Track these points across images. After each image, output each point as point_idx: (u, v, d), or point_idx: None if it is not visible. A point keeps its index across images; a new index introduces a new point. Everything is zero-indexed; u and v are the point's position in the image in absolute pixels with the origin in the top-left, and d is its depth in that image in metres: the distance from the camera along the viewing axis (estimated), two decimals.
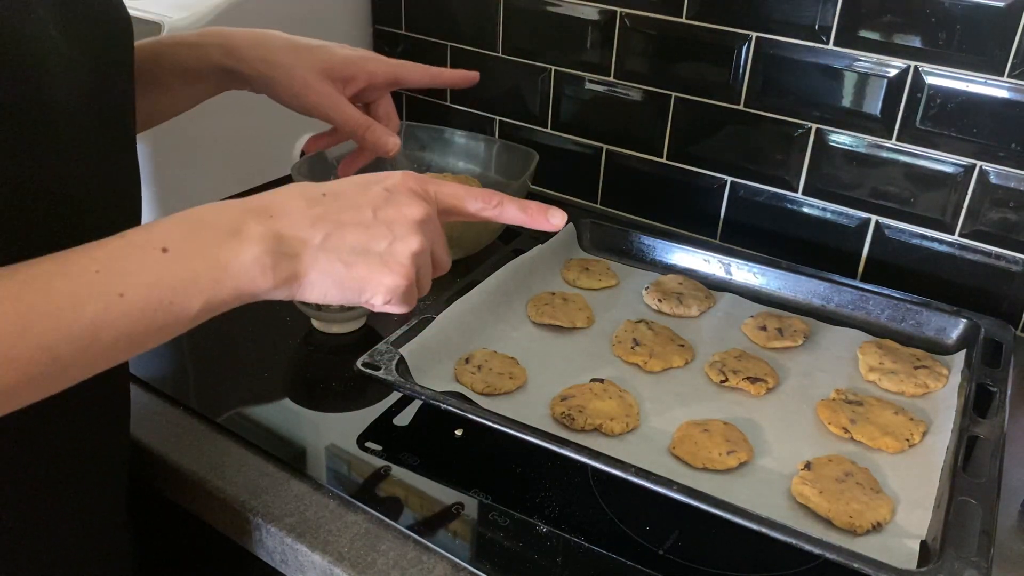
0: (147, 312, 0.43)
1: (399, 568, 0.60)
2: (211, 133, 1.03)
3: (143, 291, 0.43)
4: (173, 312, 0.44)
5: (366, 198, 0.49)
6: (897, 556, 0.57)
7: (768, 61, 0.97)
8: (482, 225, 0.96)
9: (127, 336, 0.43)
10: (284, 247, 0.46)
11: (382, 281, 0.49)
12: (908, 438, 0.70)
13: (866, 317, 0.87)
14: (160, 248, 0.44)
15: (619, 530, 0.64)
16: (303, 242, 0.47)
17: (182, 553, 0.80)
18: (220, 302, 0.45)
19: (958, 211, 0.91)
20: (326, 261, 0.47)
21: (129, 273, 0.43)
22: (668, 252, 0.96)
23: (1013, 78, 0.84)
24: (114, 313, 0.42)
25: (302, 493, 0.66)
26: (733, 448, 0.67)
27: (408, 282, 0.49)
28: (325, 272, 0.48)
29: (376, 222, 0.49)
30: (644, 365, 0.78)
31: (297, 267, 0.47)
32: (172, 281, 0.44)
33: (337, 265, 0.48)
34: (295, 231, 0.47)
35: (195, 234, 0.45)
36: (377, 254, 0.48)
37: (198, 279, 0.44)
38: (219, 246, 0.45)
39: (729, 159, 1.04)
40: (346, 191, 0.50)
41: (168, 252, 0.44)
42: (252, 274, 0.46)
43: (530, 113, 1.17)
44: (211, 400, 0.76)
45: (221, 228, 0.46)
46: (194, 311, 0.45)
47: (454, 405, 0.68)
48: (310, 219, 0.48)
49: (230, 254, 0.45)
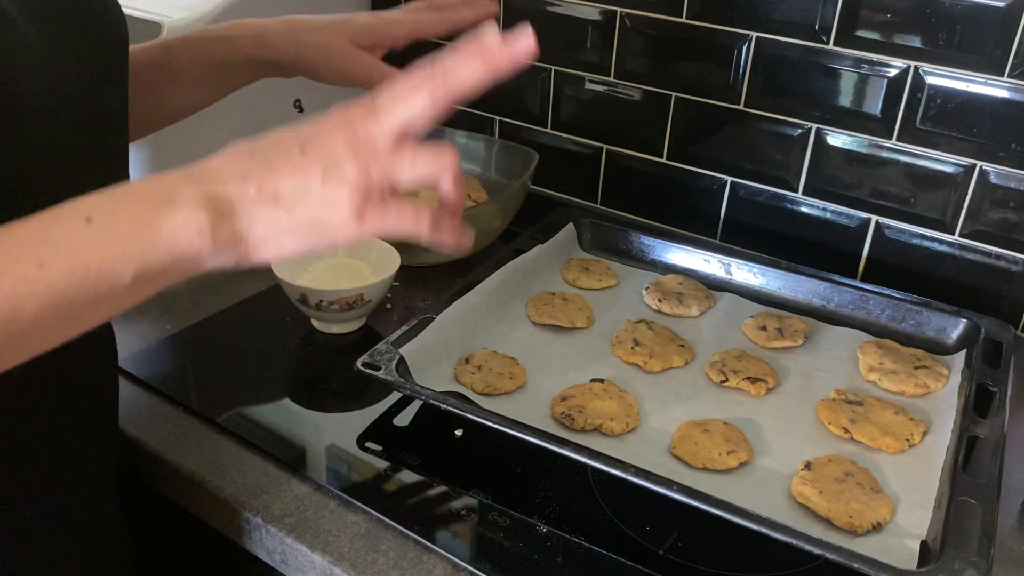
0: (72, 283, 0.41)
1: (399, 568, 0.60)
2: (211, 133, 1.03)
3: (65, 261, 0.41)
4: (103, 282, 0.42)
5: (294, 141, 0.47)
6: (897, 556, 0.57)
7: (768, 61, 0.97)
8: (482, 225, 0.96)
9: (54, 308, 0.41)
10: (219, 206, 0.44)
11: (332, 216, 0.46)
12: (908, 438, 0.70)
13: (866, 317, 0.87)
14: (84, 217, 0.42)
15: (619, 530, 0.64)
16: (238, 199, 0.45)
17: (182, 553, 0.80)
18: (156, 270, 0.44)
19: (958, 211, 0.91)
20: (266, 213, 0.45)
21: (49, 243, 0.41)
22: (668, 252, 0.96)
23: (1013, 78, 0.84)
24: (34, 284, 0.40)
25: (302, 493, 0.66)
26: (733, 448, 0.67)
27: (357, 206, 0.46)
28: (269, 225, 0.45)
29: (304, 159, 0.46)
30: (644, 365, 0.78)
31: (237, 226, 0.45)
32: (97, 248, 0.42)
33: (279, 214, 0.45)
34: (227, 188, 0.45)
35: (123, 202, 0.44)
36: (316, 190, 0.46)
37: (126, 246, 0.43)
38: (148, 212, 0.43)
39: (729, 159, 1.04)
40: (275, 140, 0.47)
41: (92, 221, 0.42)
42: (187, 237, 0.43)
43: (530, 113, 1.17)
44: (211, 400, 0.76)
45: (150, 195, 0.44)
46: (126, 280, 0.43)
47: (454, 405, 0.68)
48: (240, 173, 0.45)
49: (159, 218, 0.43)
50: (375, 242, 0.89)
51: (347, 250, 0.90)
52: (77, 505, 0.60)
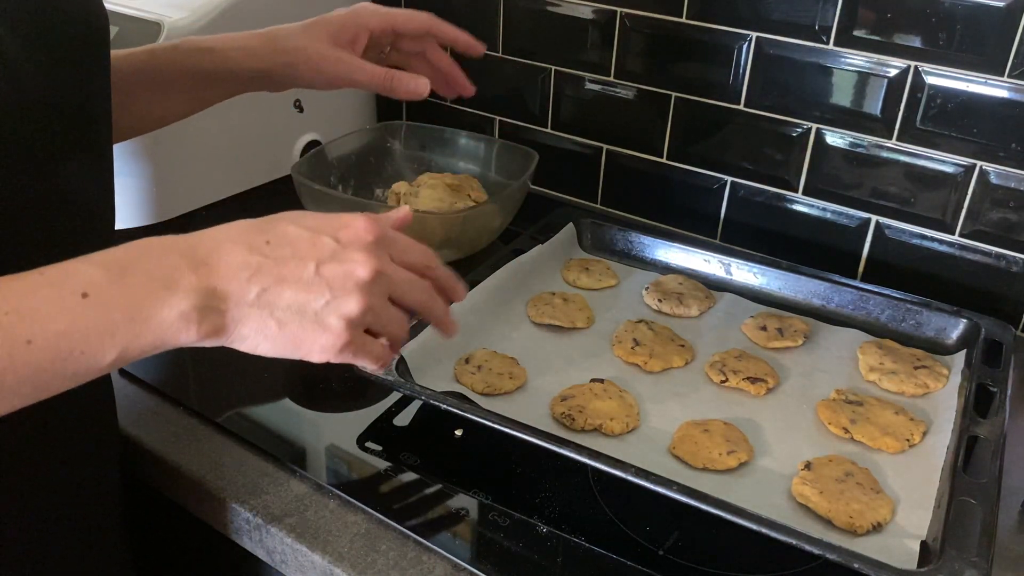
0: (56, 361, 0.41)
1: (399, 568, 0.60)
2: (211, 133, 1.03)
3: (53, 339, 0.40)
4: (84, 361, 0.42)
5: (312, 250, 0.47)
6: (897, 556, 0.57)
7: (768, 61, 0.97)
8: (482, 225, 0.96)
9: (31, 382, 0.41)
10: (215, 302, 0.44)
11: (316, 341, 0.47)
12: (908, 438, 0.70)
13: (866, 317, 0.87)
14: (80, 293, 0.41)
15: (619, 530, 0.64)
16: (236, 298, 0.45)
17: (182, 553, 0.80)
18: (137, 353, 0.43)
19: (958, 211, 0.91)
20: (258, 318, 0.45)
21: (41, 318, 0.40)
22: (668, 252, 0.96)
23: (1013, 78, 0.84)
24: (19, 360, 0.40)
25: (302, 493, 0.66)
26: (733, 448, 0.67)
27: (343, 342, 0.47)
28: (256, 329, 0.46)
29: (317, 279, 0.46)
30: (644, 365, 0.78)
31: (225, 320, 0.45)
32: (87, 330, 0.41)
33: (270, 323, 0.46)
34: (230, 286, 0.45)
35: (121, 280, 0.42)
36: (313, 313, 0.46)
37: (115, 330, 0.42)
38: (145, 297, 0.43)
39: (729, 159, 1.04)
40: (293, 239, 0.47)
41: (88, 298, 0.41)
42: (176, 328, 0.43)
43: (530, 113, 1.17)
44: (211, 400, 0.76)
45: (151, 276, 0.43)
46: (107, 361, 0.42)
47: (454, 405, 0.68)
48: (248, 272, 0.45)
49: (155, 307, 0.43)
50: None
51: None
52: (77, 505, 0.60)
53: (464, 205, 0.99)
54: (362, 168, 1.07)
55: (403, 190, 1.01)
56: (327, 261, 0.46)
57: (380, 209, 0.94)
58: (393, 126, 1.12)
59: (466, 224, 0.94)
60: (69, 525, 0.60)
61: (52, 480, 0.57)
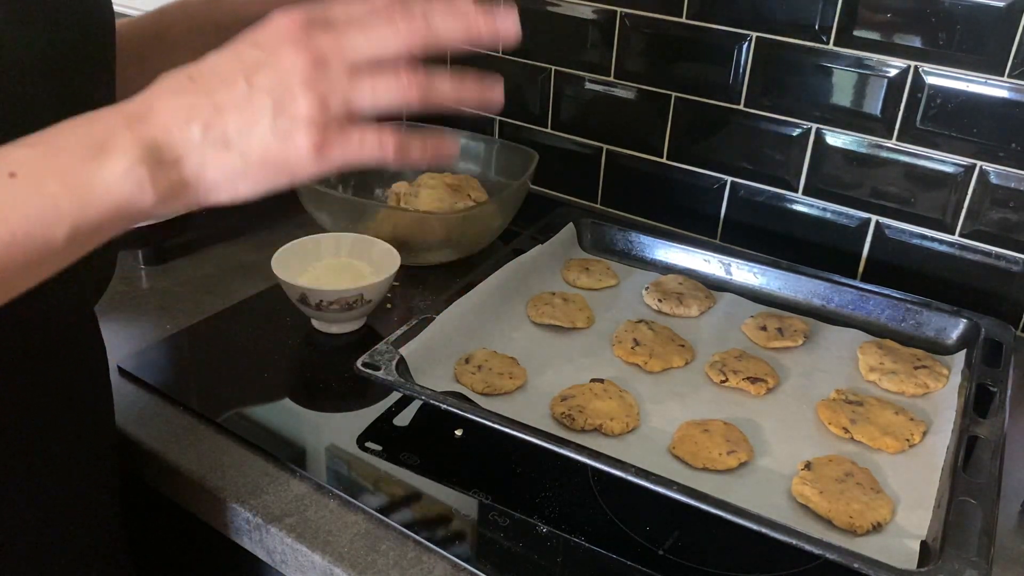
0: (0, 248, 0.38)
1: (399, 568, 0.60)
2: None
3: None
4: (33, 244, 0.39)
5: (237, 65, 0.42)
6: (897, 556, 0.57)
7: (768, 61, 0.97)
8: (482, 225, 0.96)
9: None
10: (160, 155, 0.40)
11: (289, 155, 0.42)
12: (908, 438, 0.70)
13: (866, 317, 0.87)
14: (7, 173, 0.38)
15: (619, 530, 0.64)
16: (182, 144, 0.41)
17: (181, 553, 0.80)
18: (93, 226, 0.40)
19: (958, 211, 0.91)
20: (215, 157, 0.41)
21: None
22: (668, 252, 0.96)
23: (1013, 78, 0.84)
24: None
25: (302, 493, 0.66)
26: (733, 448, 0.67)
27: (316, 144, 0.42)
28: (220, 170, 0.42)
29: (252, 92, 0.41)
30: (644, 365, 0.78)
31: (183, 173, 0.41)
32: (24, 210, 0.38)
33: (230, 156, 0.41)
34: (168, 133, 0.41)
35: (50, 153, 0.39)
36: (267, 129, 0.41)
37: (57, 204, 0.39)
38: (79, 164, 0.39)
39: (729, 159, 1.04)
40: (215, 66, 0.42)
41: (17, 177, 0.38)
42: (126, 190, 0.40)
43: (530, 113, 1.17)
44: (211, 400, 0.76)
45: (82, 143, 0.40)
46: (60, 240, 0.39)
47: (454, 405, 0.68)
48: (182, 113, 0.41)
49: (92, 171, 0.39)
50: (375, 242, 0.89)
51: (347, 250, 0.90)
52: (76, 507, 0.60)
53: (464, 205, 0.99)
54: (362, 168, 1.07)
55: (403, 190, 1.01)
56: (255, 71, 0.41)
57: (379, 210, 0.94)
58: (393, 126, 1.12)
59: (466, 224, 0.94)
60: (68, 527, 0.60)
61: (50, 481, 0.57)
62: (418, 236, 0.93)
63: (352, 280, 0.84)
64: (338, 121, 0.42)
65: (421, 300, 0.92)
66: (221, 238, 1.05)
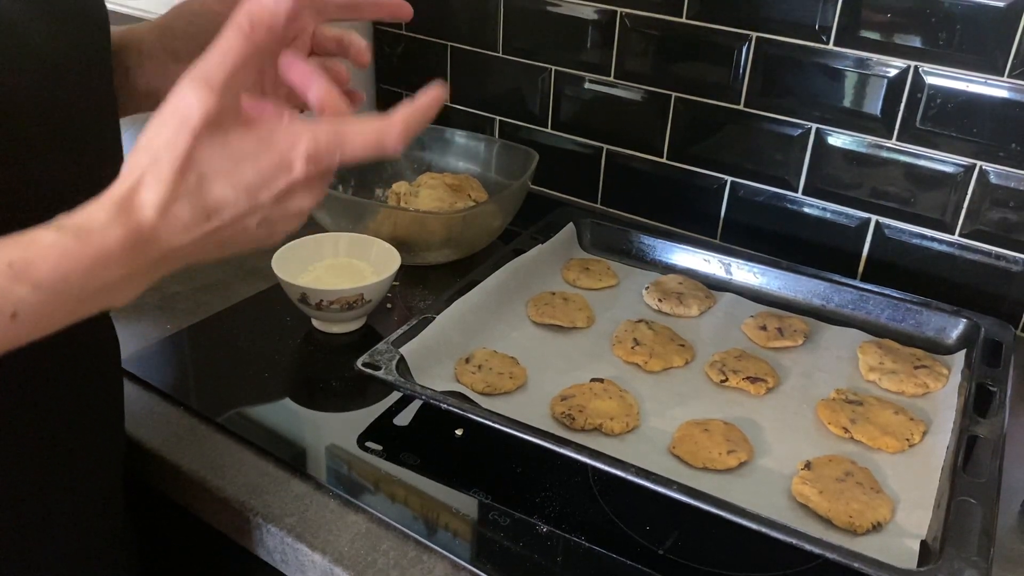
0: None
1: (399, 568, 0.60)
2: None
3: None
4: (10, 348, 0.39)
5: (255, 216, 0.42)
6: (897, 556, 0.57)
7: (768, 61, 0.97)
8: (482, 225, 0.96)
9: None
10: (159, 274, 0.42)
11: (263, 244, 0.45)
12: (908, 438, 0.70)
13: (866, 317, 0.87)
14: (9, 315, 0.37)
15: (619, 530, 0.64)
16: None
17: (181, 553, 0.80)
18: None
19: (958, 211, 0.91)
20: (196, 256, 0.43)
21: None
22: (668, 252, 0.96)
23: (1013, 78, 0.84)
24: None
25: (302, 493, 0.66)
26: (733, 448, 0.67)
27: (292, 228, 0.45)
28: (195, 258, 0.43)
29: (261, 224, 0.43)
30: (644, 365, 0.78)
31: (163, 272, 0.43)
32: (13, 343, 0.39)
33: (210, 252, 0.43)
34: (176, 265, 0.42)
35: (56, 302, 0.38)
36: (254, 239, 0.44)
37: (47, 330, 0.40)
38: (86, 309, 0.40)
39: (729, 159, 1.04)
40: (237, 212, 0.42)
41: (17, 319, 0.37)
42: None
43: (530, 113, 1.17)
44: (211, 400, 0.76)
45: (95, 291, 0.39)
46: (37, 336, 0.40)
47: (454, 405, 0.68)
48: (194, 250, 0.42)
49: (96, 309, 0.41)
50: (375, 242, 0.89)
51: (347, 250, 0.90)
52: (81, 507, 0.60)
53: (464, 205, 0.99)
54: (362, 168, 1.07)
55: (403, 190, 1.01)
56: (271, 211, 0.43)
57: (379, 210, 0.94)
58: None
59: (466, 224, 0.94)
60: (74, 527, 0.60)
61: (56, 484, 0.57)
62: (418, 236, 0.93)
63: (352, 280, 0.84)
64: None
65: (421, 300, 0.92)
66: None
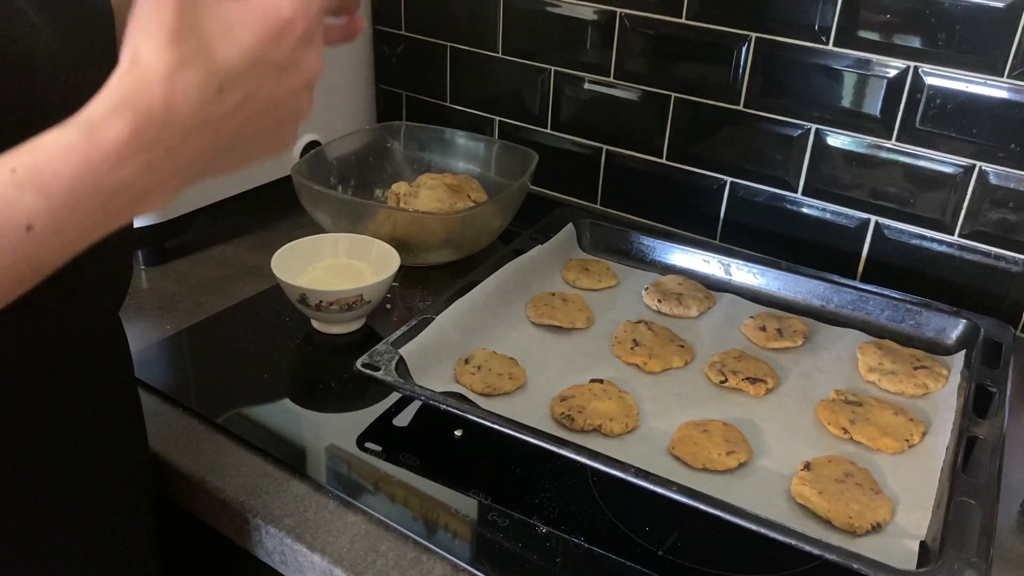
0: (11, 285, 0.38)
1: (399, 568, 0.60)
2: None
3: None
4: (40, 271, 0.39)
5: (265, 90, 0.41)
6: (897, 556, 0.57)
7: (768, 61, 0.97)
8: (482, 225, 0.96)
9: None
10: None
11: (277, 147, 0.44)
12: (908, 438, 0.70)
13: (866, 317, 0.87)
14: (23, 227, 0.36)
15: (619, 530, 0.64)
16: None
17: (181, 553, 0.80)
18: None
19: (958, 211, 0.91)
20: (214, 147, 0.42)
21: None
22: (668, 252, 0.96)
23: (1013, 78, 0.84)
24: None
25: (302, 493, 0.66)
26: (733, 448, 0.67)
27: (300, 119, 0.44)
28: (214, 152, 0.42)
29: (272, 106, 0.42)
30: (644, 365, 0.78)
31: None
32: (38, 260, 0.38)
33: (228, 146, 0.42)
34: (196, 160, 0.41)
35: (73, 208, 0.37)
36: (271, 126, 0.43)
37: (73, 245, 0.39)
38: (112, 215, 0.39)
39: (729, 159, 1.04)
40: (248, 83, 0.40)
41: (33, 231, 0.36)
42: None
43: (530, 113, 1.17)
44: (211, 400, 0.76)
45: (114, 192, 0.38)
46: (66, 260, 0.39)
47: (454, 405, 0.68)
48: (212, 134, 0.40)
49: (125, 216, 0.39)
50: (375, 242, 0.89)
51: (347, 251, 0.90)
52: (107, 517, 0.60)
53: (464, 205, 0.99)
54: (362, 168, 1.08)
55: (403, 190, 1.01)
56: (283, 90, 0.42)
57: (379, 211, 0.94)
58: (393, 127, 1.12)
59: (466, 224, 0.94)
60: (98, 539, 0.59)
61: (82, 494, 0.57)
62: (418, 236, 0.93)
63: (352, 280, 0.84)
64: None
65: (421, 300, 0.92)
66: (221, 238, 1.05)
